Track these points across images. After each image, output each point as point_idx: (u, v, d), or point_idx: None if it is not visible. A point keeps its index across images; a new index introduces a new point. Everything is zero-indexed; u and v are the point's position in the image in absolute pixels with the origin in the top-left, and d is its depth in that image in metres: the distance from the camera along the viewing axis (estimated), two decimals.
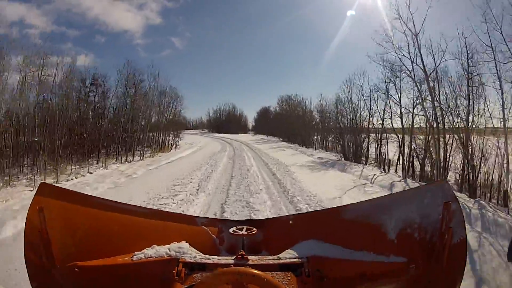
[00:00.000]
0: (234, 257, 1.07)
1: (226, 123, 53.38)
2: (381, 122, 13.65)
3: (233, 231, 1.35)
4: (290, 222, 1.42)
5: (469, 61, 9.17)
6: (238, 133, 46.12)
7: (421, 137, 11.10)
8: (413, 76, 10.79)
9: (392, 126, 13.05)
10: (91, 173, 9.77)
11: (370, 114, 14.52)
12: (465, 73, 9.29)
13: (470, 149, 8.78)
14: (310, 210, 4.99)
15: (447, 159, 9.72)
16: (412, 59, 10.62)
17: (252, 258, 1.08)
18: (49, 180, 8.07)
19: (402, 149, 11.95)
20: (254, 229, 1.35)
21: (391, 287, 1.00)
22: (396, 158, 12.29)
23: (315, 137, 23.71)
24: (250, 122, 57.85)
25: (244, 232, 1.33)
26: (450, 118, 9.75)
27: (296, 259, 1.08)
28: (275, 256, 1.11)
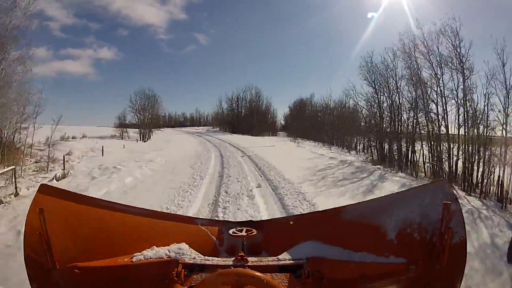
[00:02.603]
0: (234, 258, 1.07)
1: (246, 118, 38.01)
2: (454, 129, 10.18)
3: (233, 232, 1.35)
4: (291, 223, 1.43)
5: None
6: (263, 135, 32.79)
7: None
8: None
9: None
10: None
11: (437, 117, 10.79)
12: None
13: None
14: None
15: None
16: None
17: (252, 260, 1.08)
18: None
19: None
20: (254, 230, 1.35)
21: None
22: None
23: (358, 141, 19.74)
24: (279, 120, 42.59)
25: (243, 233, 1.33)
26: None
27: (296, 260, 1.08)
28: (275, 257, 1.11)
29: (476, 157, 9.37)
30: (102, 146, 13.92)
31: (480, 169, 9.17)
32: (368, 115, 16.63)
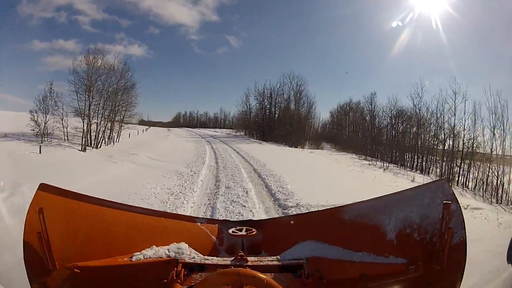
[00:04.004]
0: (233, 258, 1.07)
1: (282, 121, 25.83)
2: None
3: (233, 232, 1.35)
4: (292, 222, 1.42)
5: None
6: (302, 145, 23.48)
7: None
8: None
9: None
10: None
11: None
12: None
13: None
14: None
15: None
16: None
17: (252, 259, 1.08)
18: None
19: None
20: (254, 230, 1.35)
21: None
22: None
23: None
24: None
25: (243, 232, 1.33)
26: None
27: (296, 260, 1.08)
28: (275, 257, 1.11)
29: None
30: None
31: None
32: None
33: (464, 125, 14.47)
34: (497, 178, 11.47)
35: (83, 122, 12.86)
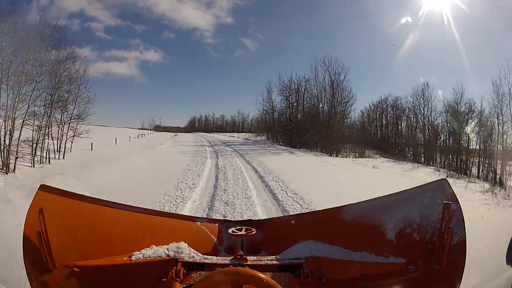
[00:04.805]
0: (233, 257, 1.07)
1: (312, 121, 19.63)
2: None
3: (232, 231, 1.35)
4: (291, 222, 1.43)
5: None
6: (341, 153, 17.60)
7: None
8: None
9: None
10: None
11: None
12: None
13: None
14: None
15: None
16: None
17: (251, 259, 1.08)
18: None
19: None
20: (253, 229, 1.35)
21: None
22: None
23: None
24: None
25: (243, 232, 1.33)
26: None
27: (295, 260, 1.08)
28: (274, 256, 1.11)
29: None
30: None
31: None
32: None
33: None
34: None
35: None
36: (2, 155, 7.18)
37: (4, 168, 7.00)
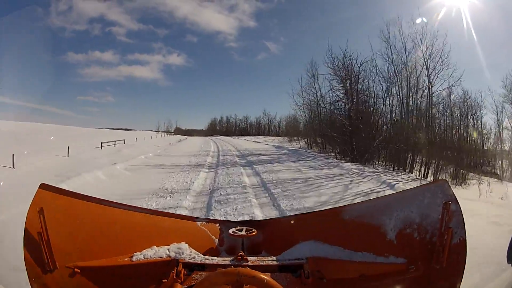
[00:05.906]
0: (234, 257, 1.07)
1: (372, 120, 12.53)
2: None
3: (233, 232, 1.35)
4: (292, 222, 1.43)
5: None
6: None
7: None
8: None
9: None
10: None
11: None
12: None
13: None
14: None
15: None
16: None
17: (252, 259, 1.08)
18: None
19: None
20: (254, 230, 1.35)
21: None
22: None
23: None
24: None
25: (243, 233, 1.33)
26: None
27: (296, 260, 1.08)
28: (275, 257, 1.11)
29: None
30: None
31: None
32: None
33: None
34: None
35: None
36: None
37: None
